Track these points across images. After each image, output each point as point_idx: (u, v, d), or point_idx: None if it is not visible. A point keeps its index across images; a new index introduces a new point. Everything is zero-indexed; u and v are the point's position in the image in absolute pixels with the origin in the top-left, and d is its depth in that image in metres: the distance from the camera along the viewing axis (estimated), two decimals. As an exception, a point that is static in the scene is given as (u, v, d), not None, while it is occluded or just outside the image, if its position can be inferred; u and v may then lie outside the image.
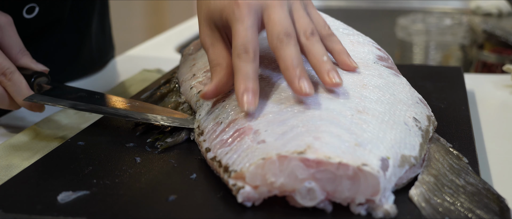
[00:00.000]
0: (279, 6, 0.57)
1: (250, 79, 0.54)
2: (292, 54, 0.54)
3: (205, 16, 0.61)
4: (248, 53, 0.55)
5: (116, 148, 0.60)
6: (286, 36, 0.55)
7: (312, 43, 0.57)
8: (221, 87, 0.58)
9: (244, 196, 0.48)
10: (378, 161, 0.48)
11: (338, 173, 0.47)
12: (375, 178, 0.47)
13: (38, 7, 0.79)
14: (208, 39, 0.60)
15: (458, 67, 0.93)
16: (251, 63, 0.55)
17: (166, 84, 0.77)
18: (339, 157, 0.47)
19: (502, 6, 1.57)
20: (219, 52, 0.59)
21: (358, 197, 0.47)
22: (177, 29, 1.39)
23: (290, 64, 0.54)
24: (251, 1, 0.57)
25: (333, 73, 0.56)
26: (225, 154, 0.52)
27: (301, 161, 0.47)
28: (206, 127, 0.58)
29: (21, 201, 0.50)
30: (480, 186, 0.50)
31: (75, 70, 0.94)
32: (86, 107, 0.66)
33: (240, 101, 0.54)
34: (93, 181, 0.53)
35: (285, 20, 0.56)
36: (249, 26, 0.56)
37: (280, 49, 0.55)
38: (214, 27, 0.60)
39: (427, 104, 0.62)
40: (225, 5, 0.58)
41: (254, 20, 0.56)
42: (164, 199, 0.50)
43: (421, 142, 0.55)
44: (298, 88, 0.53)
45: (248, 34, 0.56)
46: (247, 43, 0.55)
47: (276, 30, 0.56)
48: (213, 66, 0.59)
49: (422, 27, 1.50)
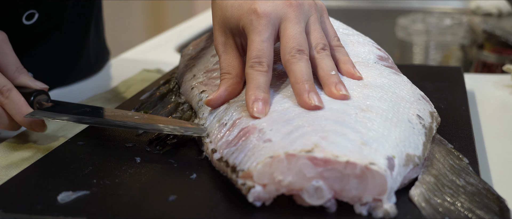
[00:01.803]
0: (295, 20, 0.58)
1: (262, 89, 0.56)
2: (303, 69, 0.56)
3: (220, 21, 0.61)
4: (262, 65, 0.57)
5: (116, 148, 0.60)
6: (298, 52, 0.57)
7: (322, 57, 0.59)
8: (227, 95, 0.59)
9: (254, 196, 0.48)
10: (384, 160, 0.48)
11: (346, 172, 0.47)
12: (382, 177, 0.47)
13: (37, 13, 0.79)
14: (221, 46, 0.61)
15: (458, 67, 0.93)
16: (264, 74, 0.56)
17: (166, 84, 0.77)
18: (346, 156, 0.47)
19: (502, 6, 1.57)
20: (230, 61, 0.60)
21: (365, 196, 0.47)
22: (177, 29, 1.39)
23: (300, 79, 0.55)
24: (270, 12, 0.58)
25: (340, 85, 0.56)
26: (232, 154, 0.52)
27: (309, 159, 0.47)
28: (212, 129, 0.58)
29: (21, 201, 0.50)
30: (480, 186, 0.50)
31: (73, 74, 0.94)
32: (92, 121, 0.63)
33: (250, 108, 0.55)
34: (93, 181, 0.53)
35: (300, 36, 0.58)
36: (265, 39, 0.57)
37: (291, 63, 0.56)
38: (229, 33, 0.61)
39: (429, 100, 0.62)
40: (243, 14, 0.58)
41: (272, 33, 0.58)
42: (164, 199, 0.50)
43: (425, 141, 0.55)
44: (307, 101, 0.54)
45: (264, 46, 0.57)
46: (262, 56, 0.57)
47: (290, 45, 0.57)
48: (222, 74, 0.60)
49: (422, 27, 1.50)
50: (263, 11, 0.58)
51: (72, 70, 0.93)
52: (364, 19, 1.76)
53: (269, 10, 0.58)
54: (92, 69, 0.98)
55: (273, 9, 0.58)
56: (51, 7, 0.81)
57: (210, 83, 0.67)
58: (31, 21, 0.79)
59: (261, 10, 0.58)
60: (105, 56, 1.03)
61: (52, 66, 0.88)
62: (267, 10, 0.58)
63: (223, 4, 0.61)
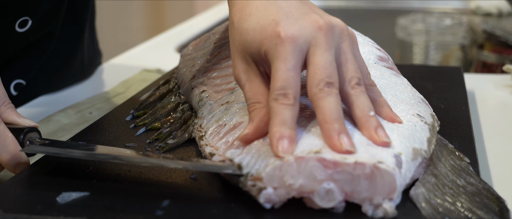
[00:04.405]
0: (325, 47, 0.51)
1: (287, 126, 0.49)
2: (332, 107, 0.49)
3: (239, 47, 0.54)
4: (288, 97, 0.49)
5: (116, 148, 0.60)
6: (327, 86, 0.49)
7: (358, 94, 0.51)
8: (263, 127, 0.52)
9: (266, 198, 0.47)
10: (392, 158, 0.48)
11: (356, 173, 0.47)
12: (391, 176, 0.47)
13: (31, 20, 0.77)
14: (243, 74, 0.54)
15: (458, 67, 0.93)
16: (290, 108, 0.49)
17: (166, 84, 0.77)
18: (354, 156, 0.47)
19: (502, 6, 1.57)
20: (257, 89, 0.53)
21: (375, 197, 0.47)
22: (177, 29, 1.39)
23: (329, 118, 0.49)
24: (297, 37, 0.50)
25: (381, 130, 0.50)
26: (238, 155, 0.52)
27: (319, 161, 0.47)
28: (209, 129, 0.58)
29: (21, 201, 0.50)
30: (480, 186, 0.50)
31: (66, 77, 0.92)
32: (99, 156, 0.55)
33: (275, 147, 0.48)
34: (93, 181, 0.53)
35: (330, 66, 0.50)
36: (291, 67, 0.50)
37: (319, 99, 0.49)
38: (250, 60, 0.54)
39: (429, 103, 0.62)
40: (265, 38, 0.51)
41: (298, 60, 0.50)
42: (164, 199, 0.50)
43: (429, 136, 0.55)
44: (338, 144, 0.48)
45: (289, 76, 0.50)
46: (287, 86, 0.49)
47: (319, 76, 0.50)
48: (251, 104, 0.53)
49: (422, 27, 1.50)
50: (289, 35, 0.50)
51: (65, 73, 0.92)
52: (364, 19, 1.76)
53: (296, 34, 0.50)
54: (86, 72, 0.97)
55: (300, 33, 0.51)
56: (44, 13, 0.79)
57: (210, 83, 0.67)
58: (24, 28, 0.77)
59: (286, 34, 0.50)
60: (98, 59, 1.02)
61: (45, 72, 0.87)
62: (293, 34, 0.50)
63: (242, 27, 0.53)
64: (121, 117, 0.70)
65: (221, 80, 0.66)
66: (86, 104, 0.82)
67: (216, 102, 0.62)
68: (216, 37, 0.78)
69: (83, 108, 0.81)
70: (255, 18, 0.53)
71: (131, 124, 0.67)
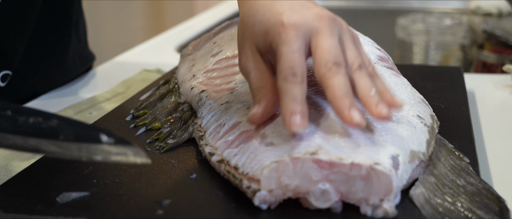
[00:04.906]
0: (329, 33, 0.53)
1: (298, 102, 0.50)
2: (341, 84, 0.50)
3: (247, 40, 0.56)
4: (296, 75, 0.51)
5: (116, 148, 0.60)
6: (335, 65, 0.51)
7: (360, 77, 0.53)
8: (270, 108, 0.54)
9: (260, 199, 0.48)
10: (389, 160, 0.48)
11: (352, 174, 0.47)
12: (387, 178, 0.47)
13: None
14: (249, 62, 0.56)
15: (458, 67, 0.93)
16: (299, 85, 0.51)
17: (165, 84, 0.77)
18: (350, 157, 0.47)
19: (502, 6, 1.57)
20: (262, 75, 0.55)
21: (371, 198, 0.47)
22: (177, 29, 1.39)
23: (339, 94, 0.50)
24: (299, 24, 0.53)
25: (382, 104, 0.51)
26: (234, 155, 0.52)
27: (315, 162, 0.47)
28: (208, 128, 0.58)
29: (21, 201, 0.50)
30: (480, 186, 0.50)
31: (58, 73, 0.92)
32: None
33: (287, 122, 0.49)
34: (93, 181, 0.53)
35: (335, 48, 0.52)
36: (296, 49, 0.52)
37: (328, 78, 0.51)
38: (256, 51, 0.56)
39: (429, 103, 0.62)
40: (270, 27, 0.54)
41: (302, 44, 0.52)
42: (164, 199, 0.50)
43: (428, 138, 0.55)
44: (349, 118, 0.49)
45: (295, 57, 0.51)
46: (294, 66, 0.51)
47: (325, 58, 0.51)
48: (256, 88, 0.55)
49: (422, 27, 1.50)
50: (291, 22, 0.52)
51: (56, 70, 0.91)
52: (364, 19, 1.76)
53: (298, 22, 0.52)
54: (78, 70, 0.96)
55: (302, 21, 0.53)
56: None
57: (210, 83, 0.67)
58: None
59: (289, 22, 0.52)
60: (91, 60, 1.01)
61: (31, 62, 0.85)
62: (296, 21, 0.52)
63: (250, 22, 0.56)
64: (121, 117, 0.70)
65: (220, 80, 0.66)
66: (86, 104, 0.82)
67: (215, 102, 0.62)
68: (216, 37, 0.78)
69: (83, 108, 0.81)
70: (261, 13, 0.55)
71: (131, 124, 0.67)
